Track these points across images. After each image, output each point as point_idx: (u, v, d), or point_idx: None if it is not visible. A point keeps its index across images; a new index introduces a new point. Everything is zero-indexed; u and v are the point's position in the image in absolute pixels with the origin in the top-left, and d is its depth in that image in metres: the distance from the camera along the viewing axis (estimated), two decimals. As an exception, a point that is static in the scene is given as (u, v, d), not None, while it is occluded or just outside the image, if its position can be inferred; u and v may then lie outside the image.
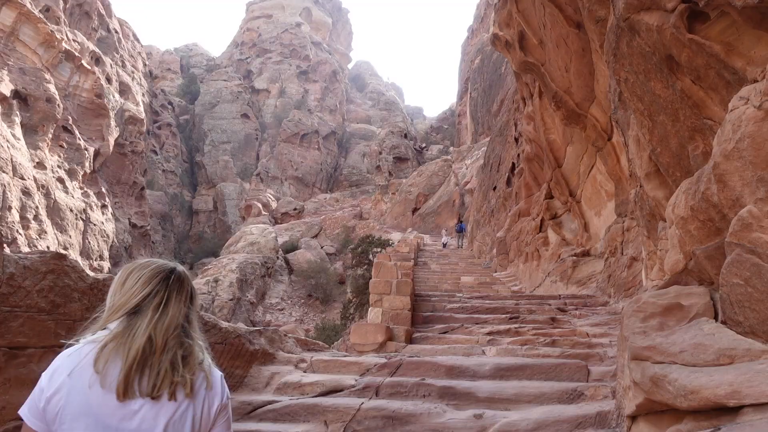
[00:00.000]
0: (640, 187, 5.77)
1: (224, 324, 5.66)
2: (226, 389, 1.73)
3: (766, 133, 2.74)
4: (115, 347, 1.54)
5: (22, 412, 1.55)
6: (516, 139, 21.81)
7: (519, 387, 5.28)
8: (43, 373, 1.57)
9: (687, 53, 3.77)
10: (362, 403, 5.04)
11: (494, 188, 26.73)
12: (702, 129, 3.99)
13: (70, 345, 1.65)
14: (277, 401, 5.23)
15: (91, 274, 4.40)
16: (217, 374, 1.72)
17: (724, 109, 3.50)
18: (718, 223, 3.47)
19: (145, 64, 61.87)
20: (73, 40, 39.85)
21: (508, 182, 23.16)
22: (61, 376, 1.53)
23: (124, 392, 1.49)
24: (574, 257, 13.31)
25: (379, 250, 28.54)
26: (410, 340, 8.63)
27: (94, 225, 38.74)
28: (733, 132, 3.00)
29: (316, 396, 5.40)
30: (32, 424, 1.54)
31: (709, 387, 2.73)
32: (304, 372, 6.09)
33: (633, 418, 3.53)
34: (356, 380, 5.65)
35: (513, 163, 22.22)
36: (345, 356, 6.79)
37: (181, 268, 1.78)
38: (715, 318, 3.52)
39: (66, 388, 1.51)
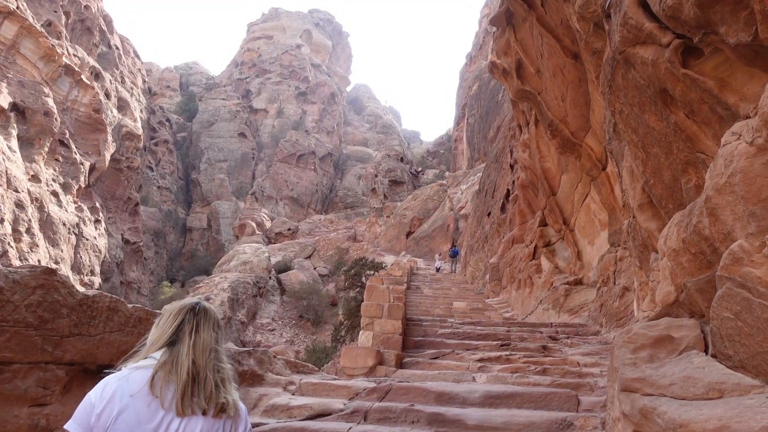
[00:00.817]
0: (633, 217, 5.80)
1: (213, 344, 5.62)
2: (249, 421, 1.96)
3: (757, 169, 2.76)
4: (167, 373, 1.75)
5: (69, 426, 1.74)
6: (511, 166, 21.92)
7: (508, 415, 5.24)
8: (91, 393, 1.78)
9: (681, 87, 3.82)
10: (350, 427, 4.99)
11: (489, 214, 26.79)
12: (695, 162, 4.02)
13: (111, 371, 1.88)
14: (264, 424, 5.17)
15: (81, 289, 4.37)
16: (242, 406, 1.95)
17: (717, 143, 3.53)
18: (710, 256, 3.49)
19: (144, 81, 62.16)
20: (74, 55, 40.06)
21: (503, 208, 23.23)
22: (114, 396, 1.73)
23: (183, 410, 1.72)
24: (567, 285, 13.31)
25: (372, 272, 28.48)
26: (401, 364, 8.58)
27: (87, 240, 38.57)
28: (725, 166, 3.02)
29: (303, 419, 5.34)
30: None
31: (698, 421, 2.72)
32: (293, 395, 6.04)
33: (622, 450, 3.50)
34: (345, 404, 5.60)
35: (508, 190, 22.32)
36: (334, 379, 6.74)
37: (204, 302, 2.01)
38: (706, 351, 3.51)
39: (128, 407, 1.71)
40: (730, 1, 2.97)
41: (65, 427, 1.74)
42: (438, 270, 31.04)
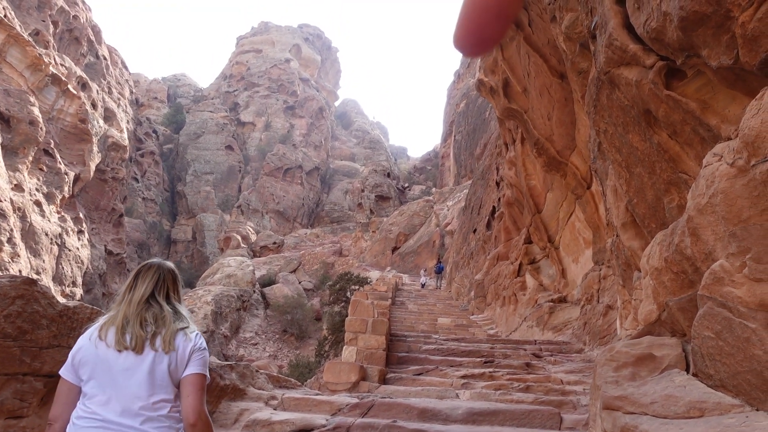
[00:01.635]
0: (617, 236, 5.85)
1: (195, 357, 5.57)
2: (201, 340, 2.41)
3: (738, 190, 2.80)
4: (110, 321, 2.31)
5: (61, 371, 2.31)
6: (497, 183, 22.05)
7: (491, 433, 5.23)
8: (76, 343, 2.34)
9: (664, 108, 3.87)
10: (332, 443, 4.96)
11: (474, 231, 26.88)
12: (677, 182, 4.07)
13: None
14: (245, 439, 5.13)
15: (62, 301, 4.32)
16: (194, 331, 2.40)
17: (699, 164, 3.58)
18: (691, 275, 3.52)
19: (131, 92, 61.95)
20: (61, 65, 39.89)
21: (488, 225, 23.32)
22: (83, 341, 2.31)
23: (118, 347, 2.23)
24: (551, 303, 13.35)
25: (357, 287, 28.40)
26: (384, 380, 8.54)
27: (69, 250, 38.16)
28: (706, 187, 3.06)
29: (285, 435, 5.30)
30: (65, 375, 2.29)
31: (678, 440, 2.73)
32: (275, 409, 5.99)
33: (604, 468, 3.50)
34: (327, 420, 5.56)
35: (494, 207, 22.42)
36: (317, 395, 6.69)
37: (155, 261, 2.59)
38: (687, 370, 3.54)
39: (84, 348, 2.28)
40: (713, 25, 3.02)
41: (60, 372, 2.31)
42: (423, 286, 31.02)
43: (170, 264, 2.60)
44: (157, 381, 2.23)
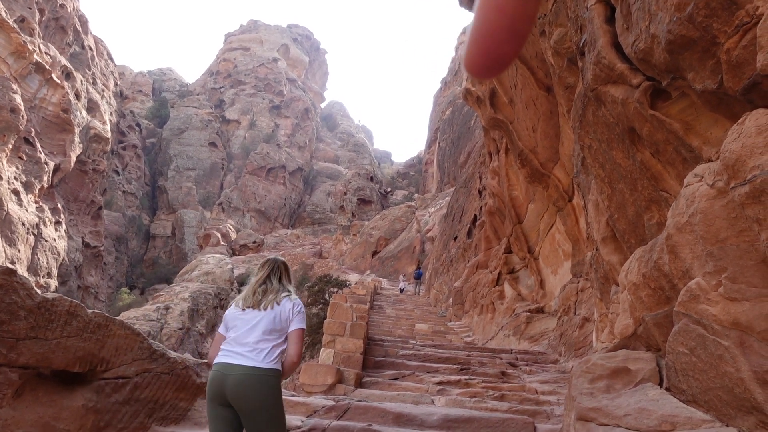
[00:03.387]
0: (596, 250, 5.93)
1: (173, 354, 5.54)
2: (300, 305, 3.47)
3: (717, 211, 2.88)
4: (245, 295, 3.48)
5: (219, 330, 3.50)
6: (480, 192, 22.18)
7: (465, 440, 5.27)
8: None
9: (648, 128, 3.96)
10: (307, 445, 4.96)
11: (455, 238, 26.99)
12: (658, 200, 4.16)
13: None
14: (219, 438, 5.11)
15: (41, 293, 4.28)
16: (296, 299, 3.47)
17: (680, 183, 3.66)
18: (668, 292, 3.60)
19: (116, 84, 61.37)
20: (45, 53, 39.41)
21: (469, 233, 23.43)
22: (229, 309, 3.50)
23: (243, 307, 3.40)
24: (528, 313, 13.45)
25: (335, 290, 28.33)
26: (360, 384, 8.55)
27: (46, 241, 37.66)
28: (686, 207, 3.14)
29: (260, 435, 5.29)
30: (221, 331, 3.47)
31: (650, 452, 2.79)
32: (250, 409, 5.97)
33: (575, 478, 3.56)
34: (302, 421, 5.56)
35: (475, 215, 22.55)
36: (293, 396, 6.69)
37: (272, 256, 3.75)
38: (660, 384, 3.61)
39: (229, 312, 3.46)
40: (699, 49, 3.10)
41: (218, 330, 3.49)
42: (402, 291, 31.03)
43: (283, 258, 3.76)
44: (263, 328, 3.26)
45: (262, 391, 3.08)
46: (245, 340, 3.23)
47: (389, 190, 75.02)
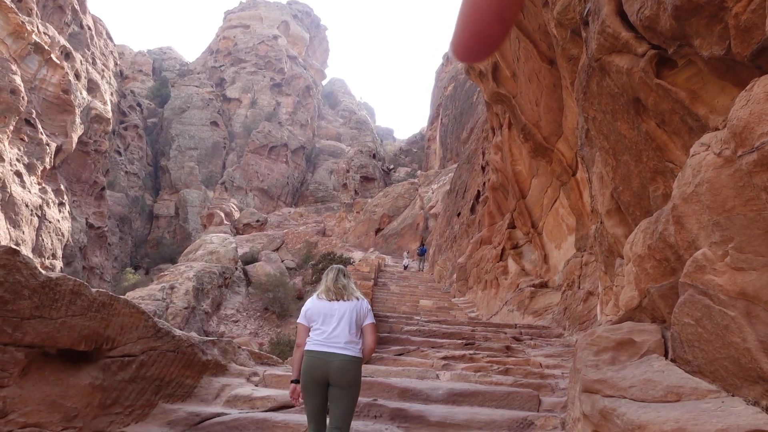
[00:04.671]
0: (601, 223, 5.90)
1: (178, 332, 5.56)
2: (368, 305, 4.33)
3: (724, 180, 2.83)
4: (322, 291, 4.26)
5: (299, 320, 4.25)
6: (483, 168, 22.10)
7: (471, 413, 5.29)
8: (304, 305, 4.30)
9: (653, 97, 3.90)
10: (313, 420, 4.99)
11: (458, 214, 26.97)
12: (663, 171, 4.11)
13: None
14: (226, 414, 5.15)
15: (44, 272, 4.28)
16: (364, 299, 4.33)
17: (686, 153, 3.61)
18: (674, 263, 3.57)
19: (116, 64, 60.98)
20: (44, 33, 39.11)
21: (473, 209, 23.40)
22: (311, 302, 4.27)
23: (329, 299, 4.19)
24: (532, 288, 13.47)
25: (339, 267, 28.38)
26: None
27: (50, 222, 37.73)
28: (692, 176, 3.10)
29: (266, 411, 5.32)
30: (302, 321, 4.22)
31: (656, 423, 2.79)
32: (256, 386, 6.01)
33: (581, 450, 3.57)
34: (308, 397, 5.59)
35: (478, 191, 22.49)
36: (298, 372, 6.72)
37: (336, 265, 4.56)
38: (666, 355, 3.60)
39: (312, 305, 4.24)
40: (706, 14, 3.04)
41: (298, 321, 4.27)
42: (406, 268, 31.12)
43: (341, 265, 4.64)
44: (349, 320, 4.13)
45: (356, 372, 4.10)
46: (339, 334, 4.11)
47: (392, 167, 74.84)
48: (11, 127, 34.20)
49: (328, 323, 4.10)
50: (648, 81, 3.87)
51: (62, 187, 41.45)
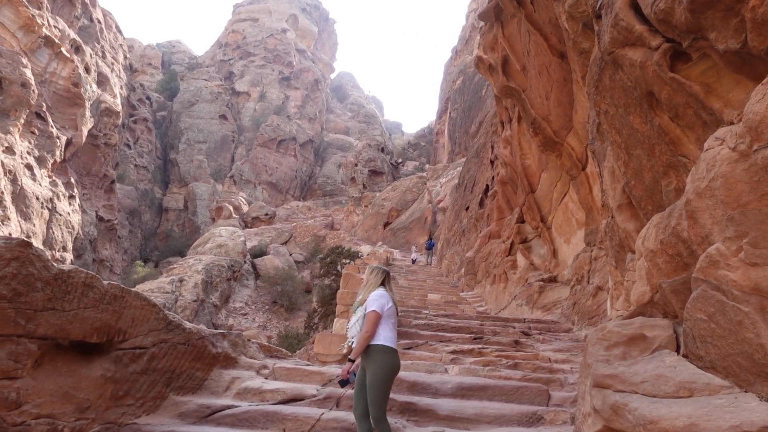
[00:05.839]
0: (612, 217, 5.87)
1: (188, 325, 5.59)
2: (378, 295, 4.56)
3: (739, 174, 2.81)
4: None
5: (376, 309, 4.39)
6: (492, 162, 22.03)
7: (480, 407, 5.30)
8: (380, 297, 4.51)
9: (667, 91, 3.86)
10: (322, 413, 5.01)
11: (467, 208, 26.92)
12: (676, 165, 4.08)
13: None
14: (236, 406, 5.17)
15: (57, 265, 4.30)
16: (376, 292, 4.60)
17: (700, 147, 3.59)
18: (686, 258, 3.55)
19: (125, 57, 61.15)
20: (54, 27, 39.26)
21: (481, 203, 23.35)
22: (385, 298, 4.51)
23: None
24: (541, 282, 13.43)
25: (348, 261, 28.46)
26: (374, 353, 8.58)
27: (60, 215, 37.97)
28: (707, 171, 3.07)
29: (276, 403, 5.35)
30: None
31: (668, 418, 2.77)
32: (266, 378, 6.03)
33: (591, 445, 3.56)
34: (318, 390, 5.61)
35: (487, 185, 22.43)
36: (307, 365, 6.74)
37: (385, 269, 4.88)
38: (677, 351, 3.58)
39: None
40: (722, 7, 3.01)
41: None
42: (414, 262, 31.10)
43: (386, 268, 5.14)
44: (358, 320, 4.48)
45: None
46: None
47: (400, 161, 74.73)
48: (22, 120, 34.40)
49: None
50: (662, 74, 3.84)
51: (72, 180, 41.68)
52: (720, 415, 2.68)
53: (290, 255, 44.83)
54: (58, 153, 38.28)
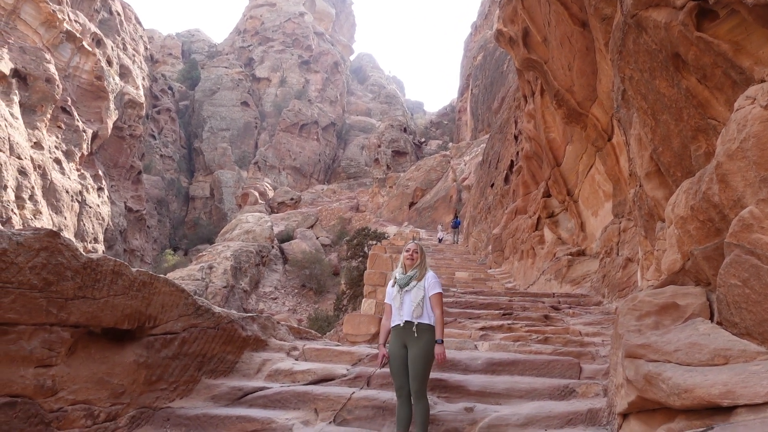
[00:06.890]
0: (640, 186, 5.75)
1: (217, 309, 5.63)
2: (435, 277, 4.83)
3: (771, 134, 2.71)
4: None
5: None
6: (515, 137, 21.79)
7: (510, 382, 5.27)
8: (438, 280, 4.85)
9: (694, 51, 3.74)
10: (353, 392, 5.03)
11: (492, 185, 26.72)
12: (705, 129, 3.96)
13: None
14: (267, 388, 5.22)
15: (85, 254, 4.36)
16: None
17: (729, 109, 3.47)
18: (718, 223, 3.46)
19: (146, 48, 61.59)
20: (75, 21, 39.63)
21: (506, 180, 23.14)
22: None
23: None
24: (570, 256, 13.30)
25: (374, 242, 28.52)
26: (403, 332, 8.59)
27: (90, 207, 38.62)
28: (738, 131, 2.97)
29: (307, 384, 5.38)
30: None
31: (703, 386, 2.72)
32: (296, 360, 6.07)
33: (624, 415, 3.52)
34: (348, 370, 5.63)
35: (512, 161, 22.21)
36: (337, 346, 6.77)
37: (415, 242, 5.12)
38: (711, 318, 3.51)
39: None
40: (749, -41, 2.88)
41: (439, 291, 4.70)
42: (440, 241, 31.06)
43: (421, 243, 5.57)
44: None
45: None
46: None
47: (423, 140, 74.42)
48: (48, 115, 34.92)
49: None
50: (688, 34, 3.71)
51: (100, 172, 42.31)
52: (757, 382, 2.61)
53: (317, 238, 45.08)
54: (85, 146, 38.84)
